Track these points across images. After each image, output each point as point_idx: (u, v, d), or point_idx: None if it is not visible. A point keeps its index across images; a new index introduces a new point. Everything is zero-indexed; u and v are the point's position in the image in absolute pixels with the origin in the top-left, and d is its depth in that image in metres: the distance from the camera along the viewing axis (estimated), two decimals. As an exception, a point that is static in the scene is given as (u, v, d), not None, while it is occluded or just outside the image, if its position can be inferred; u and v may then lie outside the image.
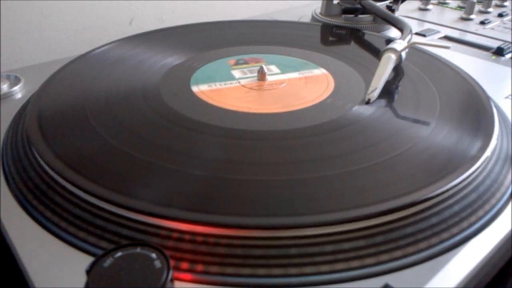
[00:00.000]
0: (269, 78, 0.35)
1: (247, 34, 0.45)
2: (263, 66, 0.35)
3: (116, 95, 0.31)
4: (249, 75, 0.35)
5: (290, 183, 0.23)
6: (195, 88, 0.33)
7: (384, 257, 0.19)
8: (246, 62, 0.38)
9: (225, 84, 0.34)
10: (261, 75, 0.35)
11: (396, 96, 0.32)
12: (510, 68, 0.40)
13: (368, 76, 0.34)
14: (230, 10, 0.63)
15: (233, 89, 0.33)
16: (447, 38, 0.49)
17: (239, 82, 0.34)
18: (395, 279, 0.19)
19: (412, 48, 0.39)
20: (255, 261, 0.19)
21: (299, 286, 0.18)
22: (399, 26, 0.43)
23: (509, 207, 0.23)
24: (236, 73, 0.36)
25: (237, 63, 0.38)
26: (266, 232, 0.20)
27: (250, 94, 0.33)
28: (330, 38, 0.46)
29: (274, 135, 0.27)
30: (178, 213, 0.20)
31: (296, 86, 0.34)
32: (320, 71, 0.36)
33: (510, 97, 0.34)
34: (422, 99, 0.31)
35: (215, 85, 0.33)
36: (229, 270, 0.19)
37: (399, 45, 0.36)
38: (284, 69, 0.37)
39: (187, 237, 0.20)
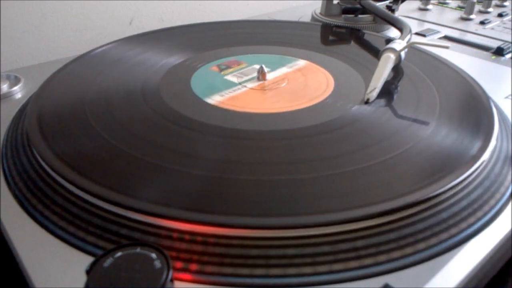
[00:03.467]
0: (268, 77, 0.35)
1: (247, 34, 0.45)
2: (263, 66, 0.35)
3: (116, 95, 0.31)
4: (245, 78, 0.35)
5: (290, 183, 0.23)
6: (210, 100, 0.31)
7: (384, 257, 0.19)
8: (229, 66, 0.37)
9: (234, 91, 0.33)
10: (262, 74, 0.35)
11: (395, 96, 0.32)
12: (510, 68, 0.40)
13: (367, 75, 0.34)
14: (230, 10, 0.63)
15: (247, 93, 0.33)
16: (447, 38, 0.49)
17: (245, 86, 0.34)
18: (395, 279, 0.19)
19: (412, 48, 0.39)
20: (255, 261, 0.19)
21: (298, 286, 0.18)
22: (399, 26, 0.43)
23: (509, 207, 0.23)
24: (232, 78, 0.35)
25: (223, 69, 0.37)
26: (266, 232, 0.20)
27: (268, 95, 0.32)
28: (330, 38, 0.46)
29: (274, 135, 0.27)
30: (177, 213, 0.20)
31: (297, 82, 0.34)
32: (302, 62, 0.37)
33: (510, 97, 0.34)
34: (421, 99, 0.31)
35: (227, 94, 0.32)
36: (229, 270, 0.19)
37: (399, 45, 0.36)
38: (273, 67, 0.37)
39: (187, 237, 0.20)
